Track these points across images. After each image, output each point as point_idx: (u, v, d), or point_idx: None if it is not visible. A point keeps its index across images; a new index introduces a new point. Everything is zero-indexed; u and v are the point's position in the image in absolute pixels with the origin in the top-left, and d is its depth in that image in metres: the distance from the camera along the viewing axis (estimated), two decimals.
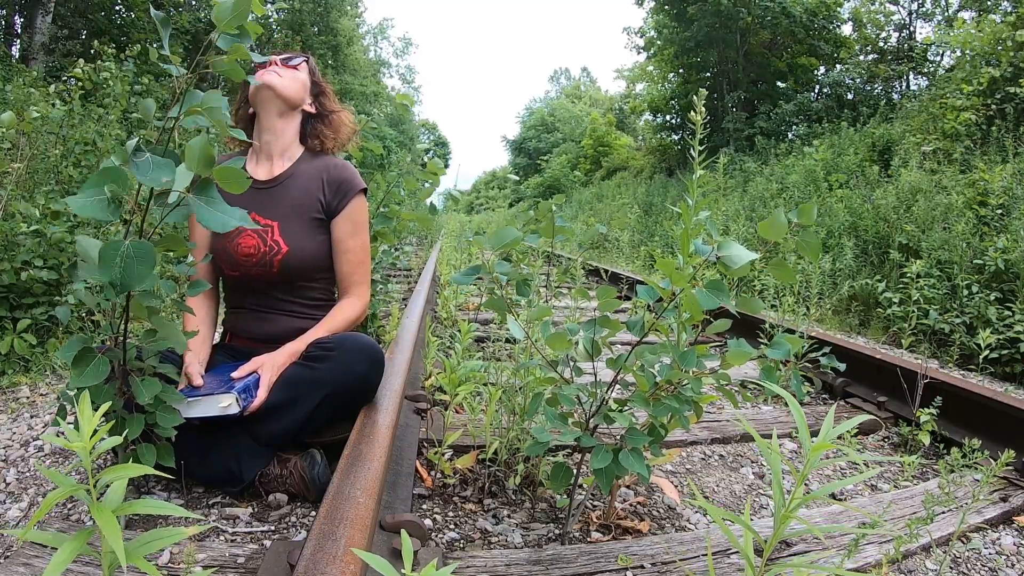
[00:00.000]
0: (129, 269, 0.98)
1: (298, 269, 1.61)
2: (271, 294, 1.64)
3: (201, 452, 1.42)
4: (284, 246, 1.59)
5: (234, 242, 1.59)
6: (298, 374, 1.46)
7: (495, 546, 1.34)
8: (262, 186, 1.64)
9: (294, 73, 1.68)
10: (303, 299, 1.67)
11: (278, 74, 1.63)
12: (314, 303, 1.69)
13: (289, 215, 1.62)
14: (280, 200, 1.63)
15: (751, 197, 8.16)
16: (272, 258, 1.58)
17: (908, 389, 2.09)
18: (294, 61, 1.71)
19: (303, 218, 1.63)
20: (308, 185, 1.65)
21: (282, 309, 1.65)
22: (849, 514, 1.46)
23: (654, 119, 16.89)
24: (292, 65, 1.69)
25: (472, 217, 24.51)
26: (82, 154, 3.85)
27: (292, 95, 1.66)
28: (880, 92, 11.71)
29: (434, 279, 4.55)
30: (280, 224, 1.61)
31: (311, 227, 1.64)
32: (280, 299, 1.65)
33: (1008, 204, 4.52)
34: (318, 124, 1.74)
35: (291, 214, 1.62)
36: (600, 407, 1.24)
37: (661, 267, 1.08)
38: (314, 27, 14.66)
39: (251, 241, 1.58)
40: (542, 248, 1.51)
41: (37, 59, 8.92)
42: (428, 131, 43.72)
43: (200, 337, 1.54)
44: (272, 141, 1.68)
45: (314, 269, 1.65)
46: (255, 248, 1.58)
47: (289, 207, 1.63)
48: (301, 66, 1.72)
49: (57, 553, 0.68)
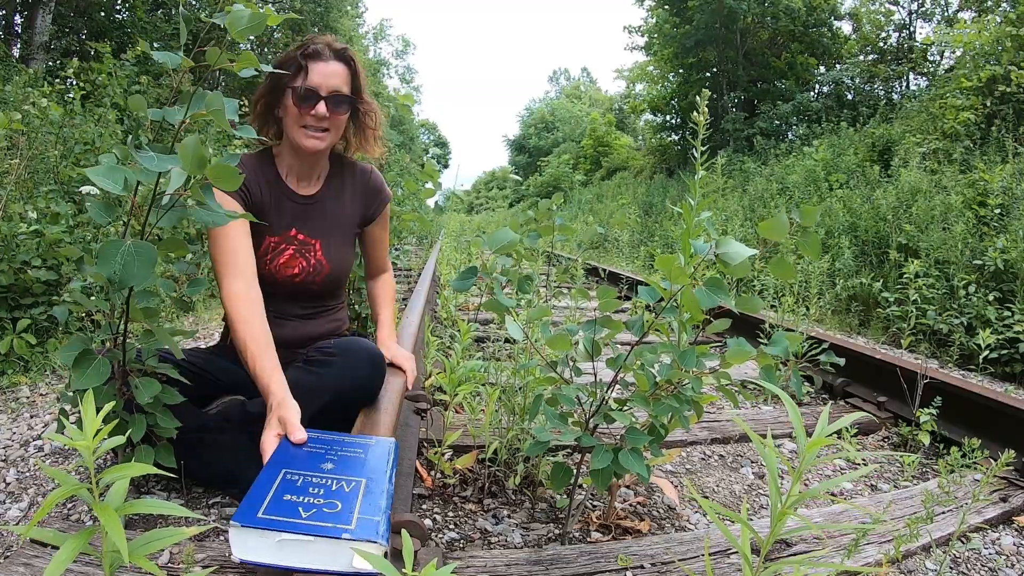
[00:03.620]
0: (129, 267, 0.98)
1: (335, 283, 1.68)
2: (291, 303, 1.64)
3: (201, 453, 1.41)
4: (327, 265, 1.62)
5: (275, 262, 1.57)
6: (301, 379, 1.45)
7: (495, 546, 1.34)
8: (304, 202, 1.62)
9: (341, 120, 1.56)
10: (318, 306, 1.69)
11: (327, 131, 1.53)
12: (322, 308, 1.71)
13: (330, 232, 1.64)
14: (319, 216, 1.64)
15: (751, 197, 8.17)
16: (315, 277, 1.62)
17: (908, 389, 2.09)
18: (342, 107, 1.53)
19: (341, 234, 1.67)
20: (345, 200, 1.68)
21: (295, 315, 1.65)
22: (849, 514, 1.46)
23: (654, 119, 16.90)
24: (340, 113, 1.54)
25: (472, 217, 24.51)
26: (82, 154, 3.85)
27: (335, 143, 1.61)
28: (880, 92, 11.72)
29: (434, 279, 4.55)
30: (322, 242, 1.62)
31: (347, 242, 1.69)
32: (298, 307, 1.65)
33: (1007, 204, 4.52)
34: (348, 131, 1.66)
35: (331, 231, 1.65)
36: (600, 407, 1.24)
37: (660, 265, 1.08)
38: (314, 27, 14.65)
39: (296, 262, 1.59)
40: (542, 248, 1.51)
41: (37, 59, 8.92)
42: (428, 131, 43.73)
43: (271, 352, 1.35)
44: (311, 168, 1.63)
45: (344, 282, 1.73)
46: (300, 268, 1.60)
47: (329, 224, 1.65)
48: (347, 108, 1.57)
49: (59, 552, 0.68)
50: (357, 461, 0.97)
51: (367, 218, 1.73)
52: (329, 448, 1.01)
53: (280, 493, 0.83)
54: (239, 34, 1.06)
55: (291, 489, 0.85)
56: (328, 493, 0.85)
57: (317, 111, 1.48)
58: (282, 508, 0.80)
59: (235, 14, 1.05)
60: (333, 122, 1.53)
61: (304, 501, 0.82)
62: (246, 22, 1.05)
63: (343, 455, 0.99)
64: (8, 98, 4.57)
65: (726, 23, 12.62)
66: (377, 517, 0.81)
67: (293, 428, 1.13)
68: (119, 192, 1.00)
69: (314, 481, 0.88)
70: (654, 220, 9.81)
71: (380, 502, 0.85)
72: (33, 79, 5.81)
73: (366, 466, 0.95)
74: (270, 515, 0.78)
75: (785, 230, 1.03)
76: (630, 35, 15.64)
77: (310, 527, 0.76)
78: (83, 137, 3.94)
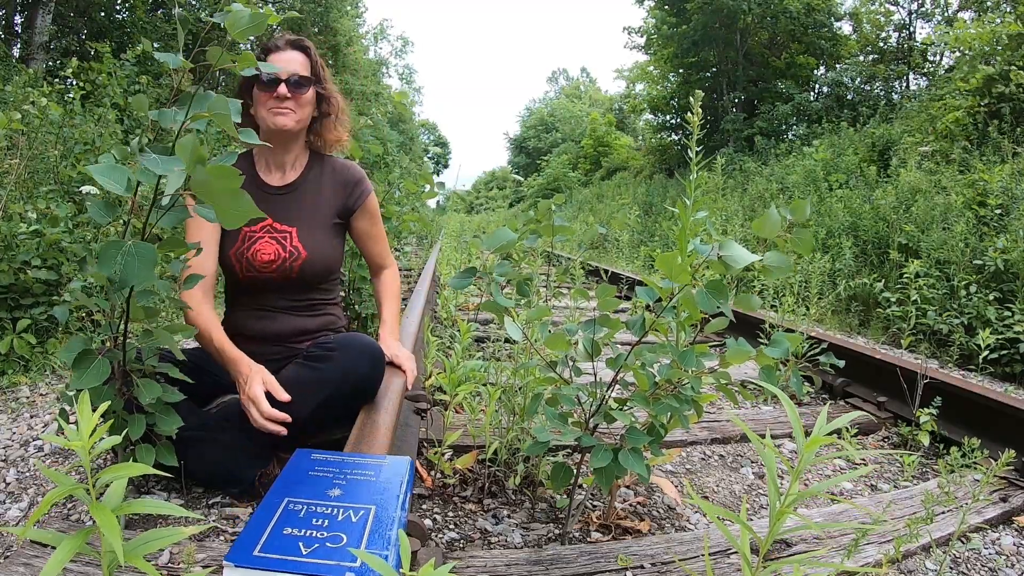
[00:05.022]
0: (129, 267, 0.98)
1: (316, 273, 1.66)
2: (276, 295, 1.65)
3: (201, 451, 1.42)
4: (303, 251, 1.63)
5: (251, 250, 1.60)
6: (301, 375, 1.46)
7: (495, 546, 1.34)
8: (276, 192, 1.67)
9: (304, 99, 1.63)
10: (305, 300, 1.69)
11: (292, 110, 1.61)
12: (313, 302, 1.71)
13: (306, 220, 1.66)
14: (296, 206, 1.67)
15: (751, 197, 8.17)
16: (292, 263, 1.62)
17: (908, 389, 2.09)
18: (303, 88, 1.62)
19: (320, 223, 1.68)
20: (322, 191, 1.71)
21: (284, 308, 1.66)
22: (849, 514, 1.46)
23: (654, 119, 16.90)
24: (301, 93, 1.62)
25: (472, 217, 24.49)
26: (82, 154, 3.85)
27: (304, 123, 1.67)
28: (880, 92, 11.73)
29: (434, 279, 4.55)
30: (298, 230, 1.64)
31: (328, 232, 1.70)
32: (284, 300, 1.66)
33: (1007, 204, 4.52)
34: (317, 122, 1.73)
35: (308, 219, 1.66)
36: (600, 407, 1.24)
37: (661, 264, 1.08)
38: (314, 27, 14.66)
39: (270, 248, 1.61)
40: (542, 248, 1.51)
41: (37, 59, 8.92)
42: (428, 131, 43.74)
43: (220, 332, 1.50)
44: (284, 154, 1.69)
45: (329, 272, 1.72)
46: (275, 254, 1.61)
47: (306, 213, 1.67)
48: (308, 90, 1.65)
49: (56, 551, 0.68)
50: (367, 485, 0.92)
51: (348, 208, 1.74)
52: (338, 472, 0.96)
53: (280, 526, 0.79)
54: (239, 34, 1.05)
55: (292, 521, 0.80)
56: (333, 524, 0.80)
57: (279, 92, 1.57)
58: (281, 544, 0.75)
59: (235, 14, 1.05)
60: (296, 102, 1.61)
61: (305, 535, 0.77)
62: (246, 22, 1.05)
63: (352, 478, 0.94)
64: (8, 98, 4.57)
65: (726, 23, 12.63)
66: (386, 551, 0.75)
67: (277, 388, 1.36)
68: (122, 192, 0.99)
69: (318, 511, 0.83)
70: (654, 220, 9.80)
71: (389, 533, 0.79)
72: (33, 79, 5.81)
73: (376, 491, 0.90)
74: (267, 553, 0.73)
75: (777, 227, 1.03)
76: (630, 35, 15.65)
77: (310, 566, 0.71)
78: (83, 137, 3.94)
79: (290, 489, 0.88)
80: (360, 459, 1.02)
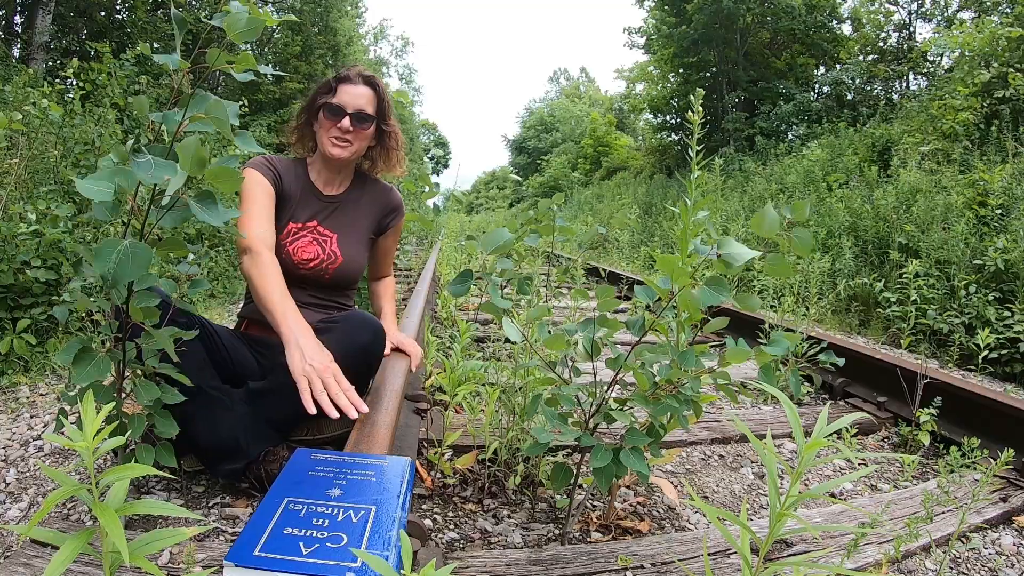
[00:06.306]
0: (123, 266, 0.98)
1: (346, 278, 1.80)
2: (302, 291, 1.73)
3: (215, 418, 1.42)
4: (340, 256, 1.77)
5: (293, 245, 1.71)
6: None
7: (495, 546, 1.34)
8: (327, 200, 1.81)
9: (364, 135, 1.74)
10: (322, 299, 1.80)
11: (351, 143, 1.72)
12: (328, 302, 1.81)
13: (347, 230, 1.80)
14: (340, 215, 1.81)
15: (751, 197, 8.16)
16: (328, 266, 1.75)
17: (908, 389, 2.09)
18: (366, 123, 1.73)
19: (358, 235, 1.83)
20: (366, 209, 1.87)
21: (304, 303, 1.72)
22: (849, 514, 1.46)
23: (654, 119, 16.89)
24: (363, 128, 1.73)
25: (472, 217, 24.48)
26: (82, 154, 3.85)
27: (358, 155, 1.80)
28: (880, 92, 11.73)
29: (434, 279, 4.55)
30: (339, 236, 1.78)
31: (363, 244, 1.85)
32: (305, 294, 1.75)
33: (1008, 204, 4.52)
34: (374, 150, 1.86)
35: (348, 230, 1.81)
36: (600, 407, 1.24)
37: (662, 265, 1.08)
38: (314, 27, 14.65)
39: (312, 248, 1.74)
40: (542, 248, 1.51)
41: (37, 59, 8.92)
42: (428, 131, 43.72)
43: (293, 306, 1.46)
44: (335, 172, 1.83)
45: (355, 280, 1.85)
46: (315, 254, 1.74)
47: (347, 223, 1.82)
48: (370, 126, 1.75)
49: (59, 552, 0.68)
50: (367, 485, 0.92)
51: (381, 228, 1.91)
52: (338, 471, 0.96)
53: (280, 526, 0.79)
54: (237, 36, 1.05)
55: (293, 521, 0.80)
56: (333, 524, 0.80)
57: (342, 124, 1.69)
58: (281, 544, 0.75)
59: (233, 16, 1.05)
60: (356, 135, 1.73)
61: (306, 535, 0.77)
62: (244, 24, 1.05)
63: (352, 478, 0.94)
64: (8, 98, 4.57)
65: (726, 23, 12.63)
66: (386, 552, 0.76)
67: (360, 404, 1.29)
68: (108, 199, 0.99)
69: (318, 511, 0.83)
70: (654, 220, 9.81)
71: (390, 533, 0.79)
72: (33, 79, 5.82)
73: (377, 491, 0.90)
74: (267, 552, 0.74)
75: (775, 226, 1.03)
76: (630, 36, 15.66)
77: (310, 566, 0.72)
78: (83, 137, 3.94)
79: (290, 489, 0.89)
80: (360, 459, 1.02)
